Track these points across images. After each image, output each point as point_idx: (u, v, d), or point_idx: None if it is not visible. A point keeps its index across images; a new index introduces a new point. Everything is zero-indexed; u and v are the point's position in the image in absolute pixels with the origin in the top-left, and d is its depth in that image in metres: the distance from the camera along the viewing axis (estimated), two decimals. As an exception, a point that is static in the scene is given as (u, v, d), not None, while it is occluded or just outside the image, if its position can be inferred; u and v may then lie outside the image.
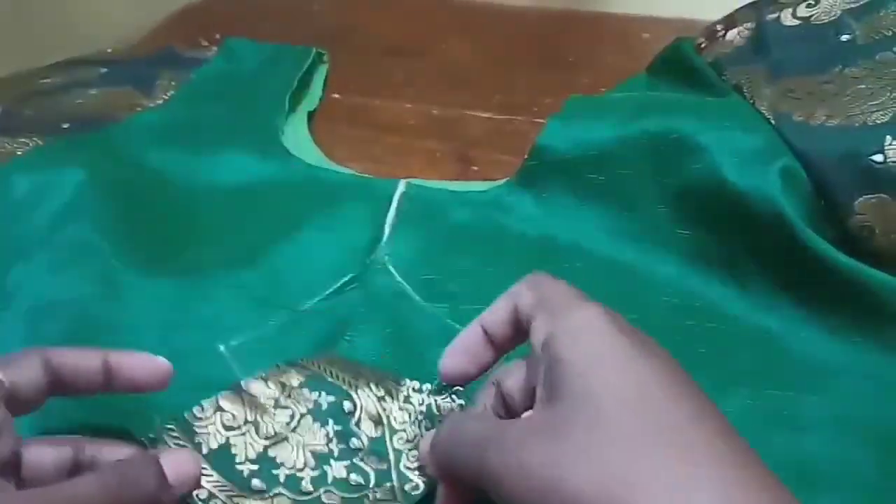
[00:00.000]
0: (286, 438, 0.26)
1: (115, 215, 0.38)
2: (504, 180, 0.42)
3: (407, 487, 0.26)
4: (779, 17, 0.39)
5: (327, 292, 0.36)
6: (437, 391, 0.28)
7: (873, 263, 0.31)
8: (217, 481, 0.25)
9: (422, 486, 0.26)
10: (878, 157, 0.31)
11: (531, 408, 0.22)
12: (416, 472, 0.26)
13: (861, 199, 0.32)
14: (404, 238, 0.38)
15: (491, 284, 0.36)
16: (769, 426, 0.29)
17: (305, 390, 0.27)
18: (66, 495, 0.21)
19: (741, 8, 0.43)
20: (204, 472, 0.25)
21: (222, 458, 0.26)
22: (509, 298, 0.25)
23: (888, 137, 0.31)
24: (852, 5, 0.37)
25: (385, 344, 0.33)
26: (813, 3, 0.39)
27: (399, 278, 0.36)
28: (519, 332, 0.25)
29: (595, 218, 0.38)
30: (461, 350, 0.26)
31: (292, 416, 0.27)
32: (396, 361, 0.32)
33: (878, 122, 0.32)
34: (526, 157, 0.41)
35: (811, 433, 0.28)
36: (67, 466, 0.24)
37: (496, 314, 0.25)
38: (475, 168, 0.46)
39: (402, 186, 0.41)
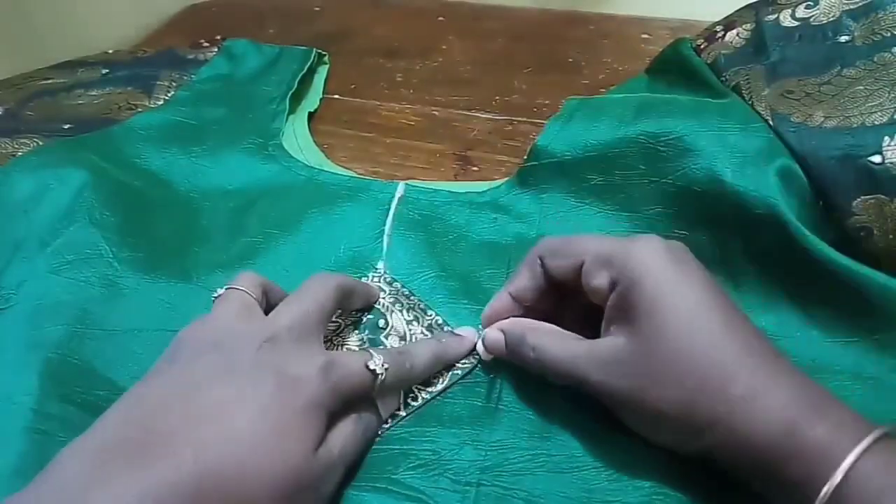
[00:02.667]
0: (330, 340, 0.34)
1: (116, 217, 0.38)
2: (503, 181, 0.42)
3: (409, 398, 0.31)
4: (778, 17, 0.39)
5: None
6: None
7: (871, 264, 0.31)
8: None
9: (420, 399, 0.31)
10: (877, 158, 0.31)
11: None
12: (419, 387, 0.32)
13: (859, 199, 0.32)
14: (403, 242, 0.38)
15: (490, 285, 0.36)
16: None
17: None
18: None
19: (740, 9, 0.43)
20: None
21: None
22: (529, 266, 0.31)
23: (886, 138, 0.31)
24: (851, 6, 0.37)
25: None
26: (812, 3, 0.39)
27: (397, 283, 0.36)
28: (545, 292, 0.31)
29: (593, 218, 0.38)
30: (493, 316, 0.32)
31: (339, 327, 0.34)
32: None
33: (877, 122, 0.32)
34: (525, 157, 0.41)
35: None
36: None
37: (522, 281, 0.31)
38: (475, 168, 0.47)
39: (400, 189, 0.41)
